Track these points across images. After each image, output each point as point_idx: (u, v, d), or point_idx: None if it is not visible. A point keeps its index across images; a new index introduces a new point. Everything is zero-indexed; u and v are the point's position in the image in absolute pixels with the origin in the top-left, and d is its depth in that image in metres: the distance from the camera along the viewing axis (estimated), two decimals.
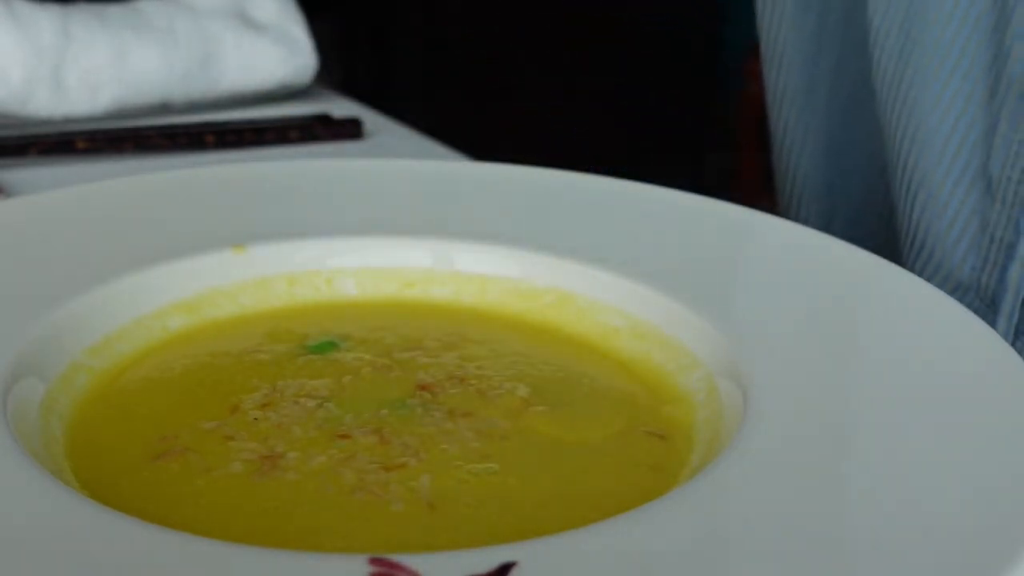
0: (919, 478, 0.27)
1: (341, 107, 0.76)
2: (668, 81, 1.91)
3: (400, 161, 0.49)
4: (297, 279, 0.40)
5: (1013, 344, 0.46)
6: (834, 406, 0.31)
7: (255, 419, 0.32)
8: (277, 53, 0.74)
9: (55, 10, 0.70)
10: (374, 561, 0.23)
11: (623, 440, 0.32)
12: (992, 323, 0.47)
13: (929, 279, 0.50)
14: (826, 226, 0.60)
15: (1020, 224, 0.46)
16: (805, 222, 0.59)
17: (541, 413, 0.33)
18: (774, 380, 0.31)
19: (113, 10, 0.73)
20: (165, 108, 0.73)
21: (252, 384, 0.34)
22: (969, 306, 0.35)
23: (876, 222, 0.59)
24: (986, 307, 0.48)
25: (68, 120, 0.70)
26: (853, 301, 0.38)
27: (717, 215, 0.44)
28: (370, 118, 0.75)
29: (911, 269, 0.51)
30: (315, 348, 0.36)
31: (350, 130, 0.70)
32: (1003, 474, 0.27)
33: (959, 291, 0.49)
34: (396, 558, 0.23)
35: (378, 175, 0.48)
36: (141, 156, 0.64)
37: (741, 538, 0.25)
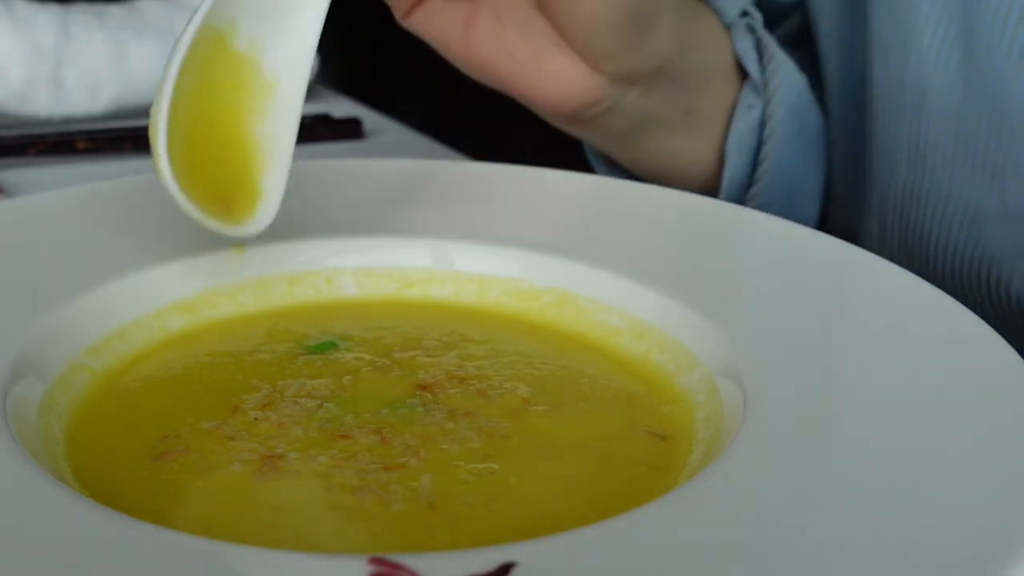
0: (919, 478, 0.27)
1: (341, 107, 0.76)
2: None
3: (400, 161, 0.49)
4: (297, 279, 0.40)
5: None
6: (834, 406, 0.31)
7: (255, 419, 0.32)
8: None
9: (55, 10, 0.71)
10: (374, 561, 0.23)
11: (623, 440, 0.32)
12: None
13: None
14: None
15: None
16: None
17: (541, 413, 0.33)
18: (774, 380, 0.31)
19: (113, 10, 0.73)
20: None
21: (252, 384, 0.34)
22: None
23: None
24: None
25: (68, 120, 0.70)
26: (853, 301, 0.38)
27: (717, 215, 0.44)
28: (370, 118, 0.75)
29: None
30: (315, 348, 0.36)
31: (350, 130, 0.70)
32: (1003, 474, 0.27)
33: None
34: (396, 558, 0.23)
35: (378, 175, 0.48)
36: (141, 156, 0.65)
37: (741, 538, 0.25)
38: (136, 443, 0.31)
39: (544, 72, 0.47)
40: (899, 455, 0.28)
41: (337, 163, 0.50)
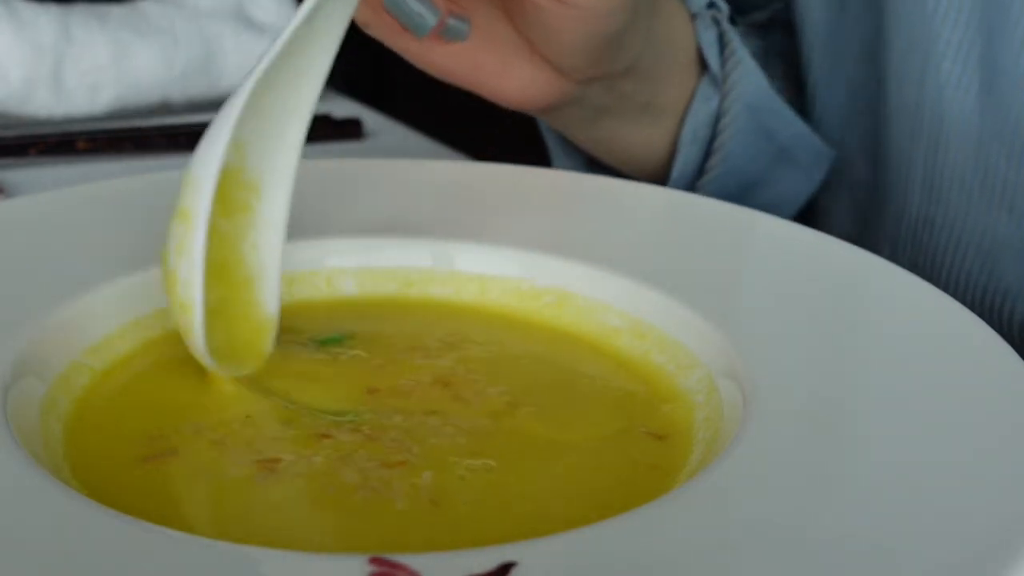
0: (919, 478, 0.27)
1: (341, 107, 0.76)
2: None
3: (400, 161, 0.49)
4: (297, 279, 0.40)
5: None
6: (834, 406, 0.31)
7: (256, 419, 0.32)
8: None
9: (55, 10, 0.71)
10: (374, 561, 0.23)
11: (622, 440, 0.32)
12: None
13: None
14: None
15: None
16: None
17: (540, 413, 0.33)
18: (774, 380, 0.31)
19: (114, 11, 0.73)
20: (165, 108, 0.73)
21: (254, 383, 0.34)
22: None
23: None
24: None
25: (68, 120, 0.70)
26: (853, 301, 0.38)
27: (717, 215, 0.44)
28: (370, 118, 0.75)
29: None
30: (324, 342, 0.36)
31: (350, 130, 0.70)
32: (1003, 474, 0.27)
33: None
34: (396, 558, 0.23)
35: (378, 175, 0.48)
36: (141, 156, 0.65)
37: (741, 538, 0.25)
38: (137, 443, 0.31)
39: (511, 79, 0.47)
40: (899, 455, 0.28)
41: (337, 163, 0.50)
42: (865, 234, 0.58)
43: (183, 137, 0.65)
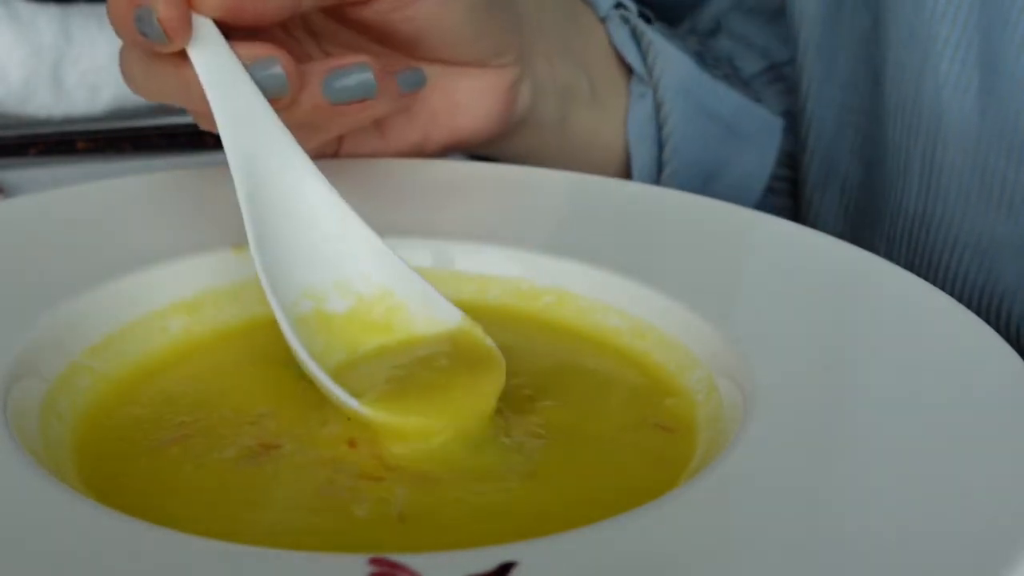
0: (920, 476, 0.27)
1: None
2: None
3: (401, 161, 0.49)
4: None
5: None
6: (834, 407, 0.31)
7: (260, 415, 0.32)
8: None
9: (55, 10, 0.70)
10: (374, 561, 0.23)
11: (635, 432, 0.32)
12: None
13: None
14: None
15: None
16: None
17: (548, 408, 0.33)
18: (774, 380, 0.31)
19: None
20: (165, 108, 0.73)
21: (256, 382, 0.34)
22: None
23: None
24: None
25: (67, 120, 0.70)
26: (853, 300, 0.38)
27: (717, 215, 0.44)
28: None
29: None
30: None
31: None
32: (1003, 474, 0.27)
33: None
34: (396, 558, 0.23)
35: (378, 175, 0.47)
36: (141, 156, 0.64)
37: (741, 539, 0.25)
38: (138, 443, 0.31)
39: (464, 106, 0.47)
40: (898, 455, 0.28)
41: (337, 163, 0.50)
42: (858, 233, 0.58)
43: (183, 137, 0.65)
